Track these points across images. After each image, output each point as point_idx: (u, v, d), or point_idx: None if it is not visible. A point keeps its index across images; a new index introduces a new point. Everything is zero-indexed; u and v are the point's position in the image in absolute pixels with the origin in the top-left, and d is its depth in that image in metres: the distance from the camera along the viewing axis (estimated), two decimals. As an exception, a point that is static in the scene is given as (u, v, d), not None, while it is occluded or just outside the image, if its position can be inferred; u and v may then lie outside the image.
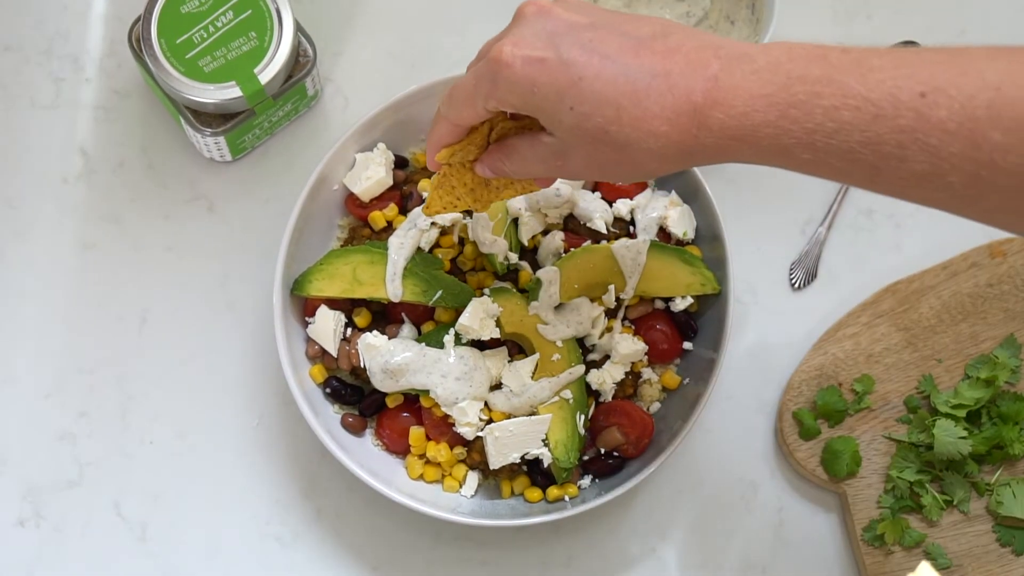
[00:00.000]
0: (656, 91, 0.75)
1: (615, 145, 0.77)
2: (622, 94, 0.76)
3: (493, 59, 0.79)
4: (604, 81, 0.76)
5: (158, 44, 1.03)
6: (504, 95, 0.80)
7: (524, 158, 0.84)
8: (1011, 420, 1.04)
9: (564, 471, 1.01)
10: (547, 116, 0.79)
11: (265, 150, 1.12)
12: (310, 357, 1.05)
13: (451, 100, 0.85)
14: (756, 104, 0.74)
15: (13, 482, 1.07)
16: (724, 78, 0.75)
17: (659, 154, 0.77)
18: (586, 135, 0.78)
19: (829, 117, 0.72)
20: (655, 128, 0.76)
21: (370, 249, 1.03)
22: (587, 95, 0.76)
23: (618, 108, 0.76)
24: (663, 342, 1.05)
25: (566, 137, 0.79)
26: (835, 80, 0.72)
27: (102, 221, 1.11)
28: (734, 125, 0.74)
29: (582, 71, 0.77)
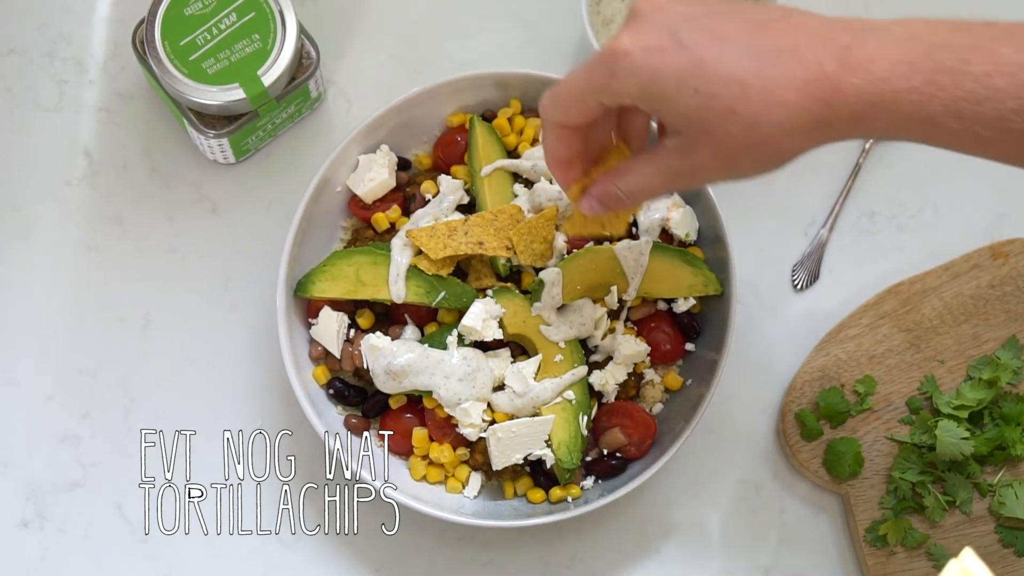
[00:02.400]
0: (783, 65, 0.72)
1: (744, 124, 0.73)
2: (746, 70, 0.72)
3: (609, 50, 0.76)
4: (727, 60, 0.73)
5: (162, 46, 1.03)
6: (622, 85, 0.76)
7: (641, 174, 0.80)
8: (1013, 421, 1.04)
9: (567, 472, 1.01)
10: (669, 105, 0.75)
11: (268, 152, 1.13)
12: (313, 358, 1.05)
13: (556, 99, 0.81)
14: (898, 69, 0.71)
15: (16, 483, 1.07)
16: (858, 46, 0.72)
17: (791, 127, 0.73)
18: (713, 118, 0.73)
19: (981, 84, 0.69)
20: (784, 98, 0.72)
21: (373, 250, 1.04)
22: (710, 75, 0.73)
23: (743, 84, 0.72)
24: (665, 343, 1.05)
25: (691, 127, 0.75)
26: (984, 48, 0.70)
27: (105, 223, 1.12)
28: (873, 91, 0.71)
29: (703, 53, 0.73)
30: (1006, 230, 1.11)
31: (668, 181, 0.80)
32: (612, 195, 0.83)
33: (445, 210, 1.04)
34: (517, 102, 1.08)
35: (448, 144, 1.08)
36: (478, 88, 1.07)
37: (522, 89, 1.08)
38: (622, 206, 0.83)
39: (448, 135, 1.08)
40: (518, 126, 1.07)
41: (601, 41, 1.08)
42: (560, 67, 1.14)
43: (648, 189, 0.81)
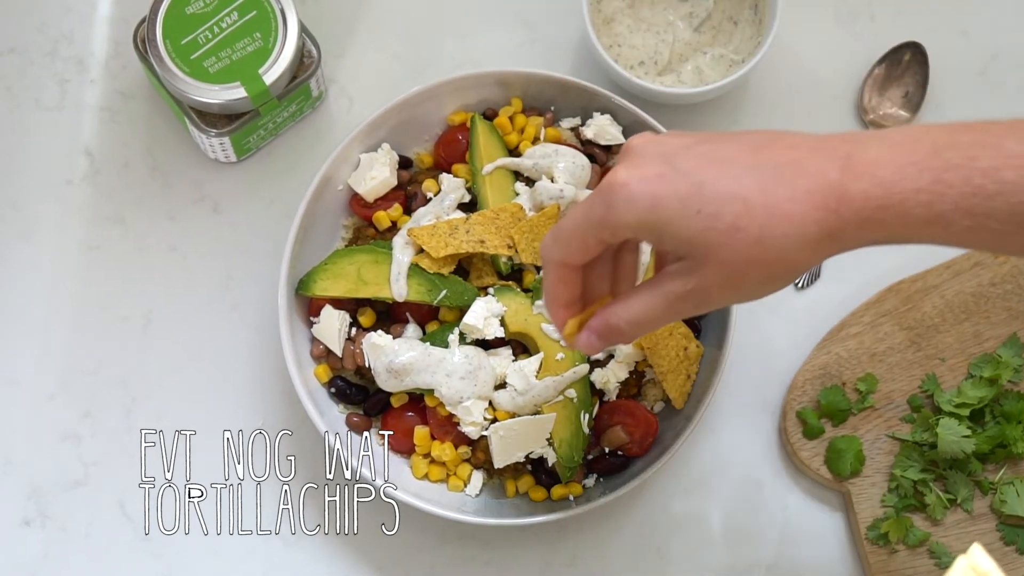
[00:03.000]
0: (785, 178, 0.71)
1: (750, 241, 0.71)
2: (748, 187, 0.71)
3: (606, 184, 0.75)
4: (728, 180, 0.72)
5: (163, 45, 1.03)
6: (621, 216, 0.74)
7: (644, 302, 0.77)
8: (1014, 419, 1.04)
9: (568, 470, 1.01)
10: (671, 231, 0.73)
11: (270, 151, 1.13)
12: (315, 357, 1.05)
13: (557, 237, 0.79)
14: (905, 171, 0.70)
15: (18, 482, 1.07)
16: (858, 154, 0.71)
17: (799, 240, 0.71)
18: (718, 238, 0.72)
19: (990, 179, 0.69)
20: (789, 211, 0.71)
21: (375, 249, 1.04)
22: (711, 195, 0.72)
23: (746, 200, 0.71)
24: (667, 341, 1.05)
25: (695, 250, 0.73)
26: (989, 143, 0.70)
27: (107, 222, 1.12)
28: (880, 194, 0.70)
29: (702, 176, 0.72)
30: (1007, 228, 1.11)
31: (672, 307, 0.77)
32: (613, 327, 0.79)
33: (446, 208, 1.04)
34: (518, 101, 1.08)
35: (449, 143, 1.08)
36: (479, 87, 1.07)
37: (523, 88, 1.08)
38: (623, 339, 0.80)
39: (449, 134, 1.08)
40: (519, 125, 1.07)
41: (602, 40, 1.08)
42: (561, 66, 1.14)
43: (652, 318, 0.78)
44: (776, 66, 1.13)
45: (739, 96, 1.14)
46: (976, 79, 1.15)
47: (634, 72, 1.09)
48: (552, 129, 1.08)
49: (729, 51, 1.10)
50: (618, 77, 1.08)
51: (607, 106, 1.07)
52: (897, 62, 1.14)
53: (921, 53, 1.14)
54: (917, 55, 1.14)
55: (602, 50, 1.07)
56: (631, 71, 1.09)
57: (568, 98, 1.08)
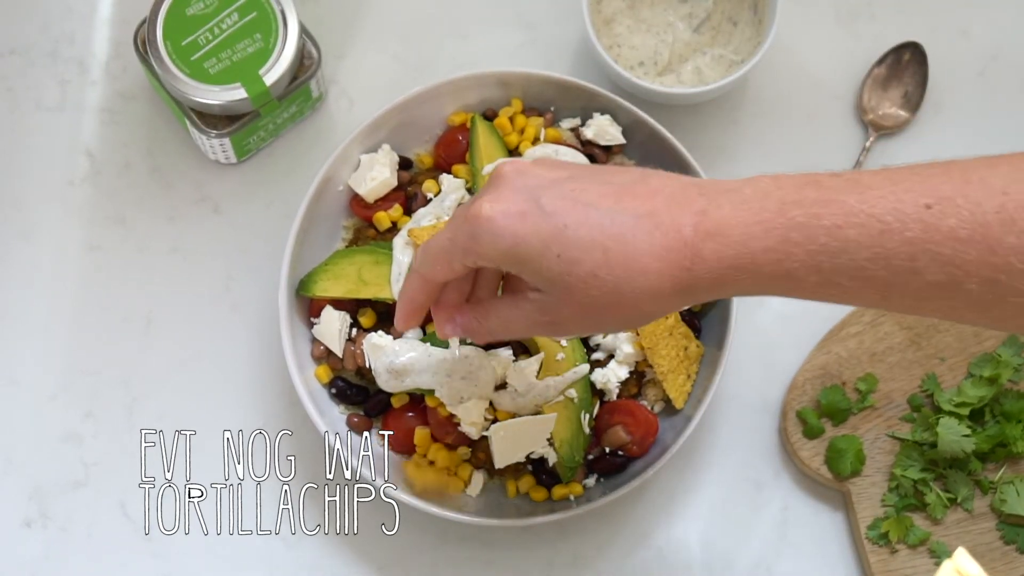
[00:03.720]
0: (643, 231, 0.74)
1: (606, 290, 0.74)
2: (608, 237, 0.74)
3: (472, 215, 0.76)
4: (589, 227, 0.74)
5: (163, 46, 1.04)
6: (484, 250, 0.77)
7: (506, 319, 0.81)
8: (1014, 418, 1.04)
9: (569, 470, 1.01)
10: (532, 268, 0.76)
11: (270, 152, 1.13)
12: (315, 357, 1.05)
13: (425, 255, 0.82)
14: (753, 231, 0.72)
15: (19, 483, 1.07)
16: (712, 211, 0.73)
17: (653, 293, 0.74)
18: (576, 283, 0.75)
19: (833, 237, 0.70)
20: (646, 266, 0.73)
21: (375, 250, 1.04)
22: (572, 241, 0.74)
23: (605, 251, 0.74)
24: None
25: (554, 289, 0.76)
26: (833, 200, 0.71)
27: (107, 223, 1.12)
28: (731, 254, 0.72)
29: (565, 219, 0.75)
30: (1007, 228, 1.11)
31: (530, 329, 0.81)
32: (476, 328, 0.84)
33: (447, 209, 1.04)
34: (518, 101, 1.08)
35: (450, 143, 1.08)
36: (479, 87, 1.08)
37: (523, 88, 1.08)
38: (480, 340, 0.85)
39: (449, 134, 1.09)
40: (519, 125, 1.08)
41: (602, 40, 1.09)
42: (561, 67, 1.14)
43: (510, 332, 0.82)
44: (776, 66, 1.14)
45: (739, 96, 1.14)
46: (976, 79, 1.15)
47: (634, 72, 1.09)
48: (552, 129, 1.08)
49: (729, 51, 1.10)
50: (618, 77, 1.08)
51: (607, 106, 1.07)
52: (897, 62, 1.14)
53: (921, 53, 1.14)
54: (917, 55, 1.14)
55: (602, 50, 1.07)
56: (631, 71, 1.09)
57: (568, 98, 1.08)
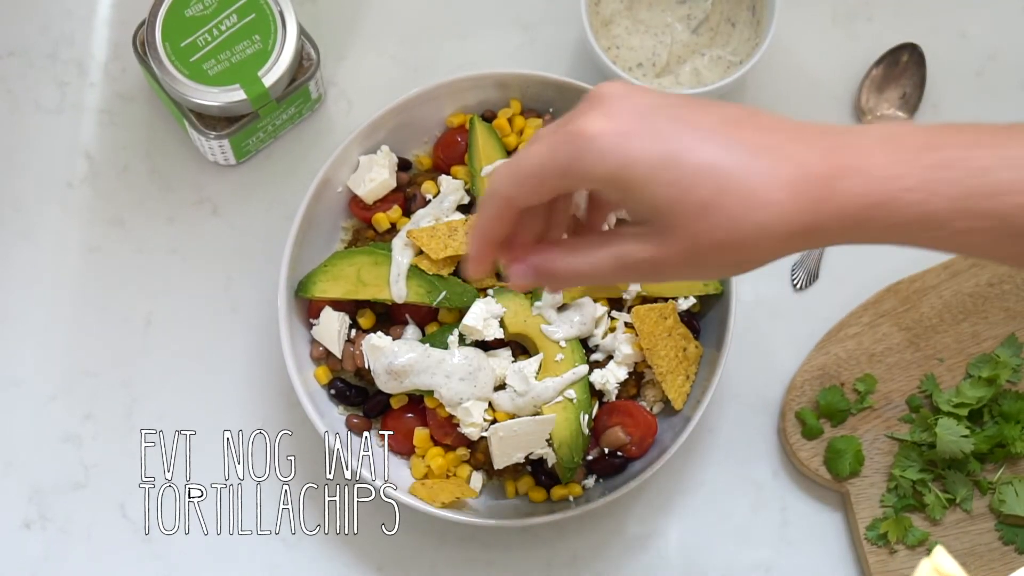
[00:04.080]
0: (765, 163, 0.67)
1: (720, 222, 0.67)
2: (726, 165, 0.67)
3: (575, 132, 0.69)
4: (706, 153, 0.67)
5: (162, 47, 1.04)
6: (590, 168, 0.69)
7: (593, 256, 0.72)
8: (1013, 419, 1.04)
9: (568, 471, 1.01)
10: (637, 196, 0.69)
11: (269, 153, 1.13)
12: (315, 358, 1.05)
13: (511, 174, 0.72)
14: (895, 168, 0.66)
15: (19, 484, 1.07)
16: (843, 148, 0.67)
17: (773, 230, 0.67)
18: (686, 214, 0.68)
19: (986, 180, 0.65)
20: (767, 199, 0.66)
21: (374, 251, 1.04)
22: (687, 167, 0.67)
23: (723, 179, 0.67)
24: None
25: (660, 220, 0.69)
26: (985, 143, 0.66)
27: (106, 224, 1.12)
28: (867, 191, 0.66)
29: (678, 144, 0.68)
30: (1005, 229, 1.11)
31: (622, 271, 0.72)
32: (552, 272, 0.74)
33: (446, 210, 1.04)
34: (517, 102, 1.08)
35: (448, 144, 1.08)
36: (478, 88, 1.08)
37: (522, 89, 1.08)
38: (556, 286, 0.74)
39: (448, 135, 1.09)
40: (518, 126, 1.08)
41: (600, 42, 1.09)
42: (559, 68, 1.14)
43: (597, 275, 0.73)
44: (774, 67, 1.14)
45: (737, 97, 1.14)
46: (974, 80, 1.15)
47: (632, 74, 1.10)
48: (551, 131, 1.08)
49: (727, 52, 1.10)
50: (616, 79, 1.08)
51: (606, 108, 1.07)
52: (895, 63, 1.14)
53: (919, 54, 1.14)
54: (915, 56, 1.14)
55: (600, 52, 1.07)
56: (629, 73, 1.09)
57: (566, 99, 1.08)
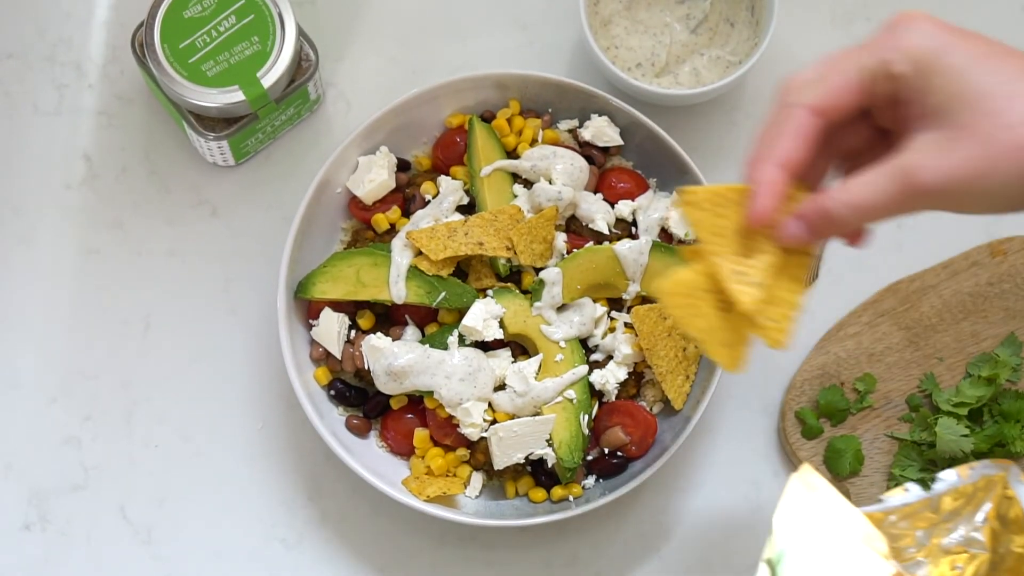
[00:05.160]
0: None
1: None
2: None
3: (897, 17, 0.69)
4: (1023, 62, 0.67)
5: (161, 49, 1.04)
6: (911, 47, 0.67)
7: (871, 183, 0.68)
8: (1012, 418, 1.04)
9: (568, 471, 1.01)
10: (950, 83, 0.66)
11: (268, 154, 1.13)
12: (314, 359, 1.05)
13: (813, 72, 0.69)
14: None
15: (19, 486, 1.07)
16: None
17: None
18: (996, 107, 0.65)
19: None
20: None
21: (373, 251, 1.04)
22: (1009, 66, 0.66)
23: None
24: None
25: (963, 115, 0.66)
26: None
27: (105, 226, 1.12)
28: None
29: (1001, 48, 0.67)
30: (1004, 227, 1.11)
31: (904, 189, 0.67)
32: (827, 212, 0.68)
33: (445, 211, 1.04)
34: (516, 103, 1.08)
35: (447, 145, 1.08)
36: (477, 89, 1.08)
37: (521, 90, 1.08)
38: (837, 230, 0.69)
39: (447, 136, 1.09)
40: (517, 127, 1.08)
41: (600, 42, 1.09)
42: (559, 68, 1.14)
43: (878, 203, 0.68)
44: (773, 67, 1.14)
45: (736, 97, 1.14)
46: (972, 79, 1.15)
47: (631, 74, 1.10)
48: (550, 131, 1.08)
49: (726, 52, 1.10)
50: (615, 79, 1.08)
51: (605, 108, 1.07)
52: (893, 62, 1.14)
53: (917, 53, 1.14)
54: (913, 55, 1.14)
55: (599, 52, 1.07)
56: (628, 73, 1.09)
57: (566, 100, 1.08)
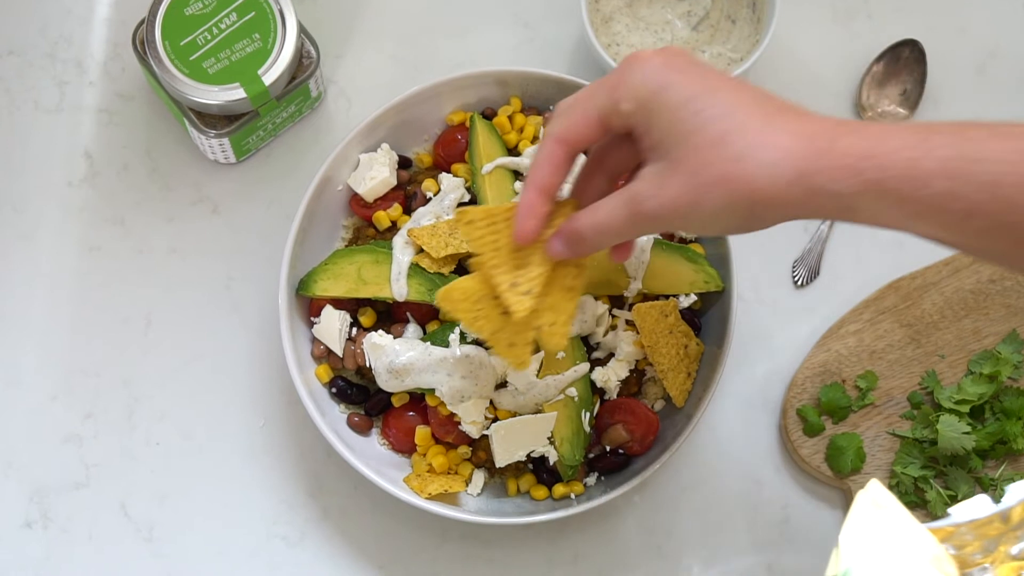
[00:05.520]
0: (788, 117, 0.74)
1: (729, 157, 0.73)
2: (752, 110, 0.74)
3: (630, 57, 0.77)
4: (738, 97, 0.75)
5: (162, 46, 1.04)
6: (634, 87, 0.76)
7: (609, 208, 0.78)
8: (1014, 415, 1.04)
9: (570, 468, 1.01)
10: (665, 120, 0.75)
11: (269, 151, 1.13)
12: (316, 357, 1.05)
13: (561, 107, 0.80)
14: (894, 131, 0.72)
15: (20, 484, 1.07)
16: (852, 123, 0.74)
17: (774, 170, 0.72)
18: (702, 142, 0.74)
19: (976, 146, 0.70)
20: (777, 140, 0.73)
21: (375, 249, 1.04)
22: (717, 103, 0.74)
23: (745, 120, 0.73)
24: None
25: (675, 150, 0.75)
26: (981, 124, 0.72)
27: (106, 224, 1.12)
28: (866, 145, 0.71)
29: (718, 85, 0.75)
30: (1006, 225, 1.11)
31: (632, 216, 0.77)
32: (576, 232, 0.80)
33: (446, 208, 1.04)
34: (517, 100, 1.08)
35: (449, 142, 1.08)
36: (478, 86, 1.08)
37: (522, 87, 1.08)
38: (586, 247, 0.80)
39: (448, 133, 1.09)
40: (518, 124, 1.07)
41: (601, 39, 1.09)
42: (559, 65, 1.14)
43: (614, 226, 0.78)
44: (774, 64, 1.14)
45: (737, 94, 1.14)
46: (974, 76, 1.15)
47: (633, 71, 1.09)
48: (551, 128, 1.08)
49: (727, 49, 1.10)
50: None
51: (606, 105, 1.07)
52: (895, 59, 1.14)
53: (919, 50, 1.14)
54: (915, 52, 1.14)
55: (601, 49, 1.07)
56: (630, 70, 1.09)
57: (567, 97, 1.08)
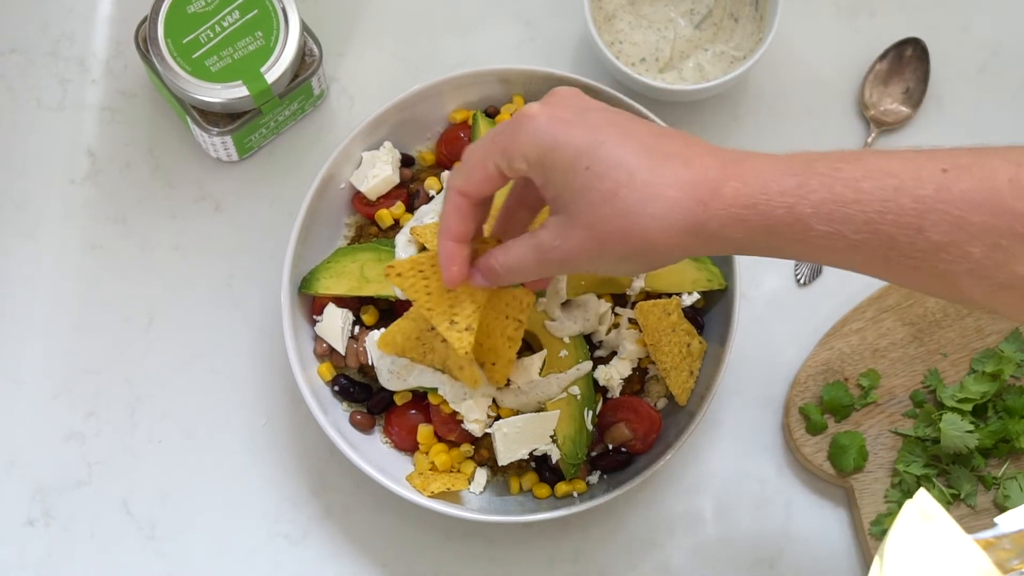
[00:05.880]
0: (672, 164, 0.76)
1: (621, 210, 0.76)
2: (638, 161, 0.76)
3: (519, 115, 0.80)
4: (623, 148, 0.77)
5: (165, 44, 1.04)
6: (523, 147, 0.79)
7: (517, 249, 0.82)
8: (1017, 414, 1.04)
9: (572, 467, 1.01)
10: (558, 178, 0.78)
11: (271, 149, 1.13)
12: (318, 355, 1.05)
13: (461, 163, 0.83)
14: (774, 175, 0.75)
15: (22, 482, 1.07)
16: (740, 161, 0.77)
17: (665, 222, 0.76)
18: (595, 199, 0.77)
19: (848, 187, 0.73)
20: (664, 193, 0.76)
21: (377, 247, 1.04)
22: (604, 157, 0.77)
23: (631, 172, 0.76)
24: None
25: (572, 205, 0.78)
26: (856, 159, 0.74)
27: (109, 221, 1.12)
28: (748, 193, 0.75)
29: (604, 136, 0.77)
30: (1008, 223, 1.11)
31: (542, 261, 0.81)
32: (491, 268, 0.84)
33: (449, 206, 1.04)
34: (520, 98, 1.08)
35: (451, 140, 1.08)
36: (481, 84, 1.08)
37: (525, 85, 1.08)
38: (500, 281, 0.85)
39: (451, 131, 1.09)
40: (521, 122, 1.07)
41: (603, 37, 1.09)
42: (562, 63, 1.14)
43: (524, 267, 0.82)
44: (777, 62, 1.14)
45: (740, 92, 1.14)
46: (977, 75, 1.15)
47: (635, 69, 1.09)
48: (554, 126, 1.08)
49: (730, 48, 1.10)
50: (619, 74, 1.08)
51: (608, 103, 1.06)
52: (898, 58, 1.14)
53: (922, 49, 1.14)
54: (918, 51, 1.14)
55: (603, 47, 1.07)
56: (632, 68, 1.09)
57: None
